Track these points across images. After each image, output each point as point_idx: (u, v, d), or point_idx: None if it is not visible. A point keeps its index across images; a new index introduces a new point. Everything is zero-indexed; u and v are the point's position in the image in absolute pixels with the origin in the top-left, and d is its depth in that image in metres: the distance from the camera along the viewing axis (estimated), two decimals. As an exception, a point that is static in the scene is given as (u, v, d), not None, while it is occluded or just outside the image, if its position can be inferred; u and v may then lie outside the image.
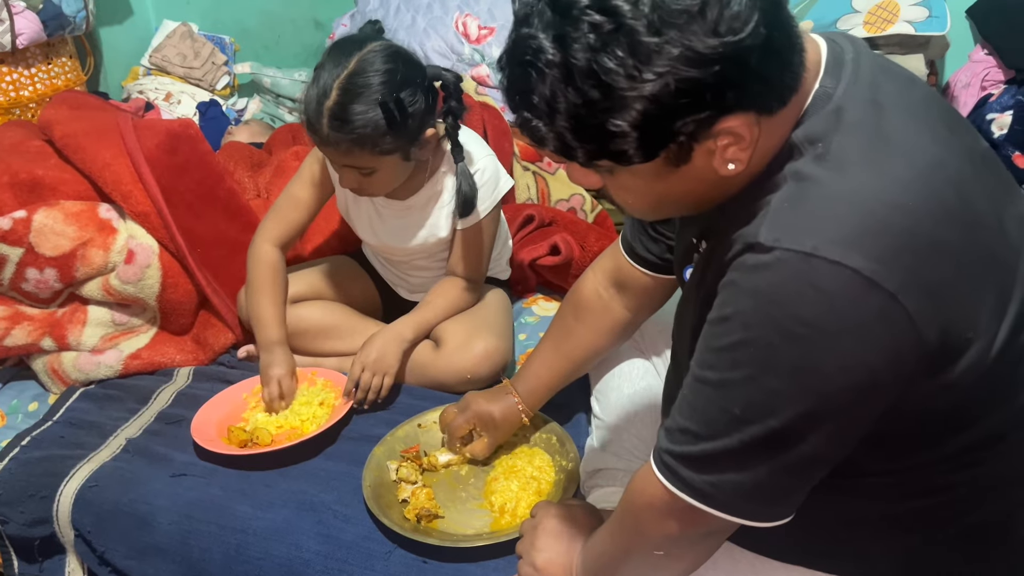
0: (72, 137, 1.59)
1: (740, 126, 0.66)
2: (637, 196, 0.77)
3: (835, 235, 0.64)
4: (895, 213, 0.64)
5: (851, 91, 0.71)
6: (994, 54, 1.98)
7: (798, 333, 0.64)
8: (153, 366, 1.61)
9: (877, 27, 1.79)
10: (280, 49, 2.92)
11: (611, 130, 0.65)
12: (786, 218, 0.66)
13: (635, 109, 0.64)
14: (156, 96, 2.66)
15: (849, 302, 0.63)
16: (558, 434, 1.30)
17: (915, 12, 1.78)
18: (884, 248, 0.63)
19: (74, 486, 1.32)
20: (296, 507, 1.24)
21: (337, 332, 1.58)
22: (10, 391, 1.64)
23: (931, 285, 0.64)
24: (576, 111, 0.65)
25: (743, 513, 0.73)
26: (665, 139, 0.66)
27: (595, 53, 0.62)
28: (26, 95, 2.34)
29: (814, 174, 0.68)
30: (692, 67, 0.62)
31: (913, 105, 0.72)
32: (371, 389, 1.41)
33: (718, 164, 0.69)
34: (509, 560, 1.10)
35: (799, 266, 0.64)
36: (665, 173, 0.71)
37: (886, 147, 0.68)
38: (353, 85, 1.27)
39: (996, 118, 1.87)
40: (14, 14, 2.21)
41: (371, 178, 1.36)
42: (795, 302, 0.64)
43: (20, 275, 1.51)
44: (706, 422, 0.72)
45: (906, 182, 0.66)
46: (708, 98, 0.64)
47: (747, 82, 0.65)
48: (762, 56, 0.64)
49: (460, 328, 1.50)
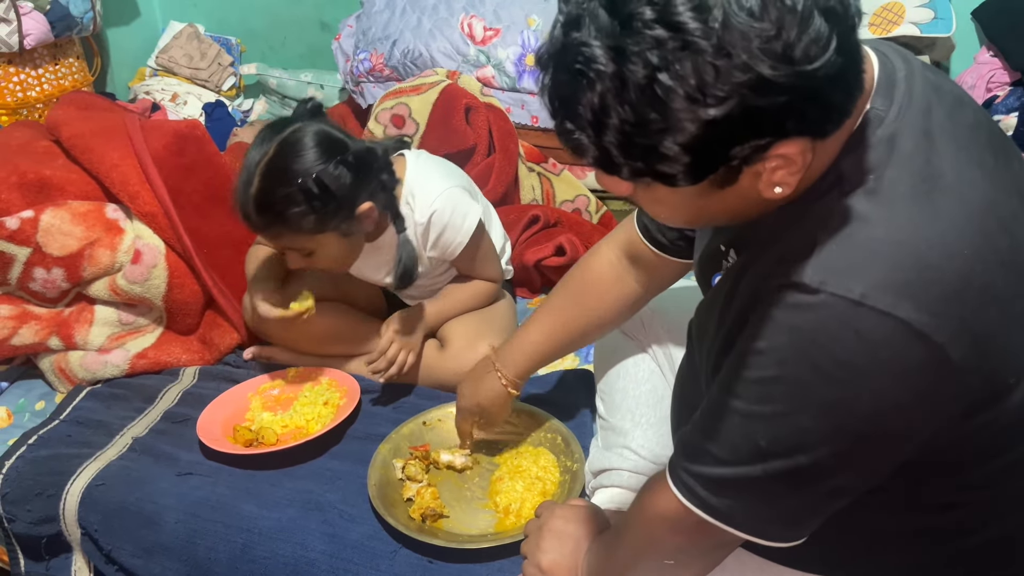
0: (79, 137, 1.59)
1: (794, 152, 0.62)
2: (671, 210, 0.73)
3: (885, 282, 0.61)
4: (949, 261, 0.62)
5: (905, 118, 0.67)
6: (1000, 56, 1.98)
7: (836, 376, 0.63)
8: (159, 366, 1.62)
9: (882, 28, 1.79)
10: (286, 50, 2.92)
11: (662, 152, 0.61)
12: (833, 259, 0.63)
13: (690, 132, 0.59)
14: (162, 97, 2.67)
15: (894, 352, 0.61)
16: (563, 434, 1.30)
17: (920, 14, 1.78)
18: (936, 299, 0.61)
19: (81, 485, 1.32)
20: (302, 506, 1.25)
21: (342, 335, 1.59)
22: (17, 390, 1.65)
23: (979, 335, 0.62)
24: (626, 128, 0.60)
25: (758, 532, 0.73)
26: (716, 164, 0.62)
27: (655, 70, 0.57)
28: (33, 96, 2.35)
29: (864, 212, 0.64)
30: (759, 95, 0.57)
31: (963, 133, 0.69)
32: (397, 363, 1.43)
33: (764, 187, 0.65)
34: (514, 561, 1.10)
35: (845, 311, 0.61)
36: (707, 193, 0.67)
37: (938, 185, 0.65)
38: (273, 168, 1.26)
39: (1002, 120, 1.87)
40: (22, 15, 2.22)
41: (315, 257, 1.36)
42: (836, 346, 0.62)
43: (27, 275, 1.51)
44: (730, 448, 0.71)
45: (960, 227, 0.63)
46: (769, 126, 0.60)
47: (811, 109, 0.60)
48: (831, 84, 0.59)
49: (465, 329, 1.50)
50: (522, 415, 1.36)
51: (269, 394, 1.51)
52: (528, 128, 2.23)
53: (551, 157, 2.10)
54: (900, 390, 0.63)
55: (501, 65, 2.28)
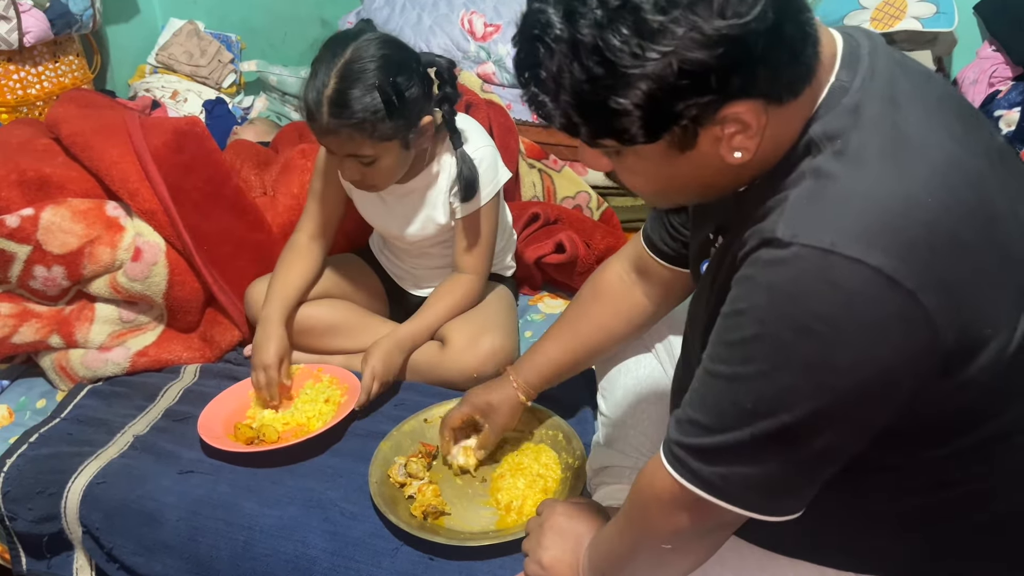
0: (79, 135, 1.59)
1: (746, 113, 0.66)
2: (645, 179, 0.76)
3: (854, 232, 0.63)
4: (914, 210, 0.64)
5: (868, 86, 0.70)
6: (1002, 50, 1.97)
7: (814, 329, 0.64)
8: (160, 363, 1.62)
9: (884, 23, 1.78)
10: (286, 47, 2.92)
11: (614, 108, 0.65)
12: (804, 214, 0.66)
13: (638, 88, 0.63)
14: (163, 94, 2.66)
15: (868, 300, 0.62)
16: (564, 431, 1.30)
17: (922, 8, 1.78)
18: (903, 245, 0.63)
19: (82, 483, 1.32)
20: (303, 504, 1.25)
21: (343, 330, 1.59)
22: (18, 388, 1.65)
23: (950, 283, 0.63)
24: (581, 87, 0.65)
25: (752, 506, 0.73)
26: (668, 120, 0.66)
27: (601, 29, 0.62)
28: (33, 93, 2.35)
29: (833, 170, 0.67)
30: (697, 48, 0.62)
31: (929, 102, 0.71)
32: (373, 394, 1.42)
33: (724, 152, 0.69)
34: (516, 558, 1.10)
35: (817, 262, 0.63)
36: (671, 157, 0.70)
37: (904, 144, 0.67)
38: (350, 72, 1.29)
39: (1004, 115, 1.86)
40: (21, 12, 2.22)
41: (372, 168, 1.37)
42: (812, 298, 0.63)
43: (28, 273, 1.51)
44: (717, 415, 0.71)
45: (924, 179, 0.65)
46: (713, 81, 0.63)
47: (754, 68, 0.64)
48: (769, 42, 0.63)
49: (466, 327, 1.50)
50: (524, 412, 1.36)
51: (270, 392, 1.51)
52: (529, 124, 2.22)
53: (552, 153, 2.09)
54: (877, 340, 0.63)
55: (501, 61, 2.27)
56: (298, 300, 1.55)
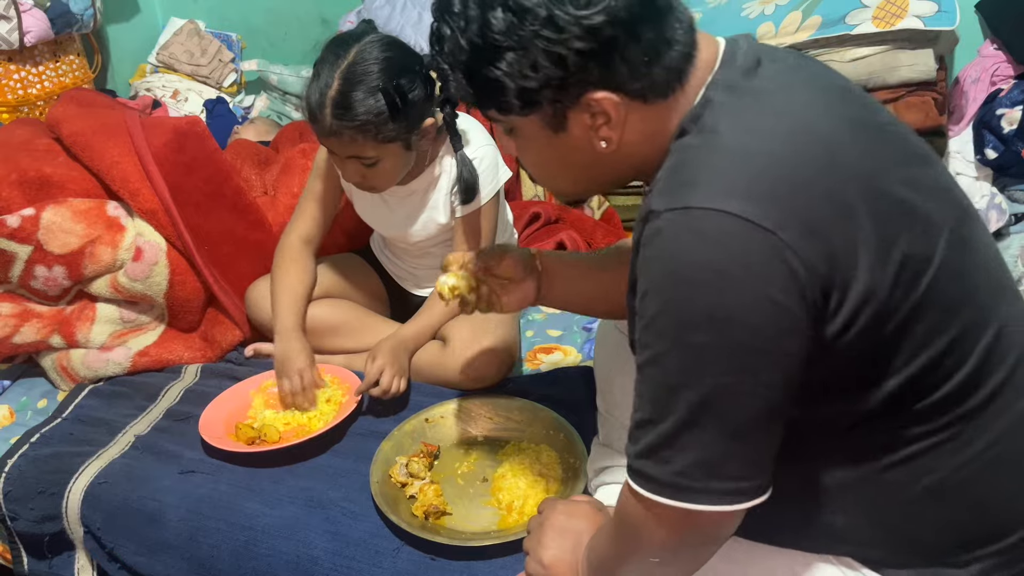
0: (80, 135, 1.59)
1: (605, 101, 0.75)
2: (534, 160, 0.86)
3: (709, 187, 0.70)
4: (761, 159, 0.71)
5: (730, 77, 0.78)
6: (1004, 49, 1.97)
7: (699, 279, 0.69)
8: (161, 363, 1.62)
9: (886, 22, 1.78)
10: (287, 46, 2.92)
11: (490, 77, 0.76)
12: (668, 184, 0.73)
13: (506, 59, 0.74)
14: (163, 94, 2.66)
15: (736, 241, 0.68)
16: (565, 431, 1.30)
17: (924, 7, 1.77)
18: (755, 192, 0.69)
19: (83, 483, 1.32)
20: (304, 504, 1.25)
21: (345, 329, 1.59)
22: (19, 388, 1.65)
23: (805, 221, 0.69)
24: (466, 58, 0.77)
25: (719, 498, 0.73)
26: (536, 94, 0.76)
27: (484, 8, 0.74)
28: (34, 93, 2.35)
29: (690, 143, 0.75)
30: (553, 31, 0.72)
31: (791, 83, 0.79)
32: (391, 392, 1.41)
33: (593, 140, 0.79)
34: (517, 558, 1.10)
35: (684, 221, 0.69)
36: (550, 139, 0.80)
37: (754, 111, 0.75)
38: (353, 74, 1.29)
39: (1006, 113, 1.85)
40: (22, 12, 2.22)
41: (374, 170, 1.37)
42: (687, 252, 0.69)
43: (29, 273, 1.51)
44: (654, 403, 0.74)
45: (771, 136, 0.72)
46: (570, 65, 0.73)
47: (610, 62, 0.74)
48: (625, 41, 0.73)
49: (467, 326, 1.50)
50: (524, 412, 1.36)
51: (271, 391, 1.50)
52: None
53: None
54: (757, 274, 0.68)
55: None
56: (307, 306, 1.55)
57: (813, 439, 0.79)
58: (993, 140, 1.86)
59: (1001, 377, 0.78)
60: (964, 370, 0.76)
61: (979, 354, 0.76)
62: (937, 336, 0.74)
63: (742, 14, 1.85)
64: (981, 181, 1.89)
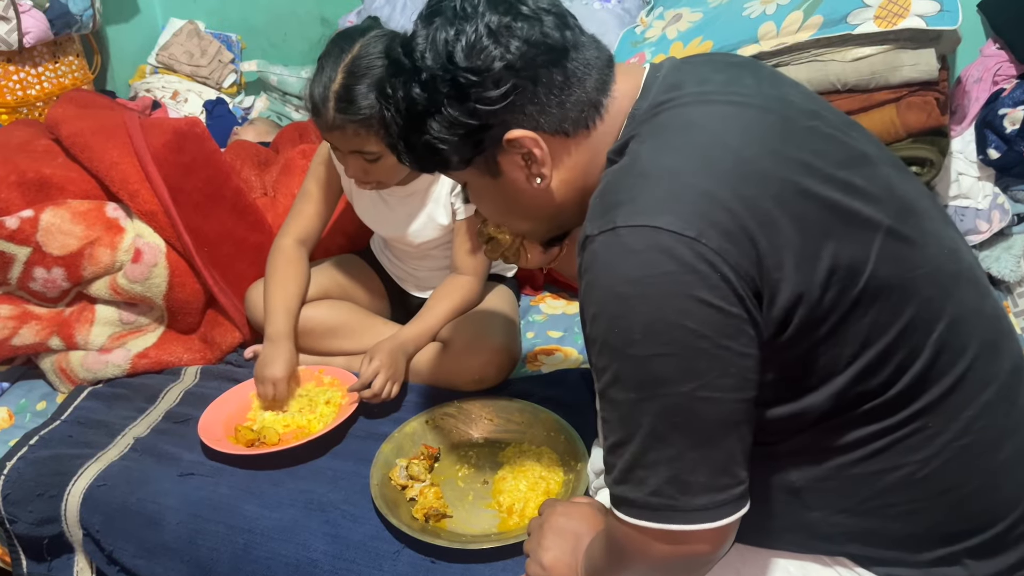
0: (79, 136, 1.59)
1: (524, 140, 0.81)
2: (488, 207, 0.94)
3: (633, 205, 0.72)
4: (678, 175, 0.74)
5: (652, 102, 0.82)
6: (1006, 48, 1.96)
7: (632, 293, 0.71)
8: (161, 365, 1.61)
9: (888, 21, 1.77)
10: (287, 47, 2.91)
11: (424, 143, 0.84)
12: (596, 210, 0.76)
13: (431, 125, 0.82)
14: (163, 94, 2.66)
15: (661, 252, 0.70)
16: (567, 433, 1.30)
17: (926, 6, 1.76)
18: (675, 205, 0.71)
19: (82, 485, 1.32)
20: (304, 506, 1.24)
21: (345, 331, 1.58)
22: (18, 390, 1.64)
23: (726, 229, 0.71)
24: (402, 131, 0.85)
25: (698, 515, 0.73)
26: (466, 149, 0.83)
27: (406, 88, 0.82)
28: (33, 94, 2.34)
29: (613, 170, 0.79)
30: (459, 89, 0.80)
31: (710, 100, 0.80)
32: (383, 395, 1.40)
33: (530, 179, 0.85)
34: (517, 561, 1.10)
35: (613, 240, 0.72)
36: (493, 184, 0.87)
37: (670, 132, 0.78)
38: (357, 68, 1.29)
39: (1008, 113, 1.85)
40: (21, 13, 2.21)
41: (377, 165, 1.37)
42: (619, 269, 0.71)
43: (28, 274, 1.51)
44: (620, 424, 0.75)
45: (686, 151, 0.75)
46: (482, 114, 0.80)
47: (518, 104, 0.80)
48: (525, 84, 0.79)
49: (467, 328, 1.49)
50: (525, 414, 1.35)
51: (271, 393, 1.50)
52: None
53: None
54: (688, 282, 0.70)
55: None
56: (299, 310, 1.54)
57: (773, 439, 0.80)
58: (995, 140, 1.85)
59: (962, 368, 0.78)
60: (919, 363, 0.77)
61: (932, 347, 0.77)
62: (881, 332, 0.75)
63: (743, 14, 1.84)
64: (983, 181, 1.88)
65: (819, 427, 0.79)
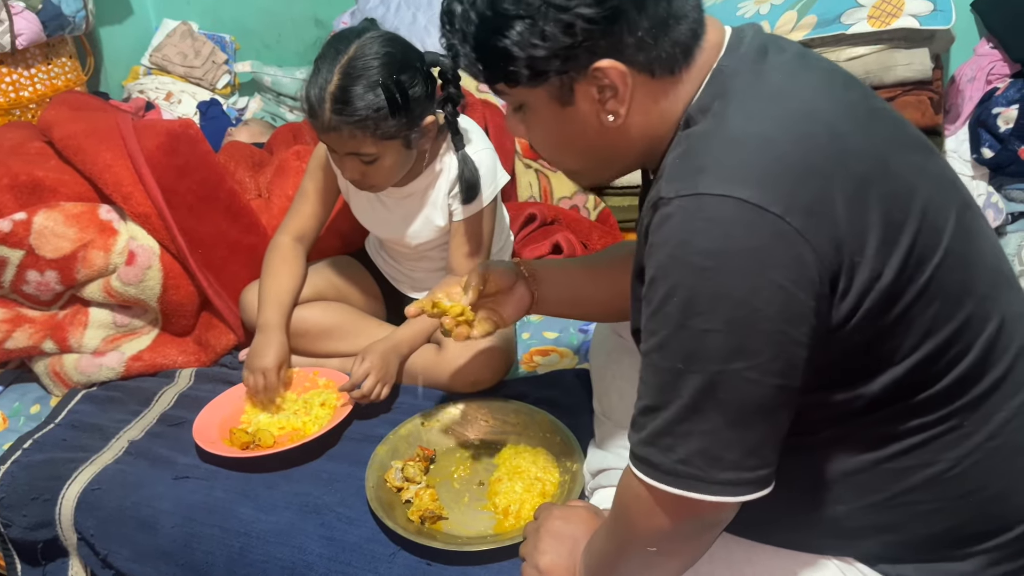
0: (72, 138, 1.58)
1: (611, 71, 0.75)
2: (542, 136, 0.86)
3: (717, 173, 0.70)
4: (769, 146, 0.71)
5: (740, 65, 0.78)
6: (1000, 48, 1.96)
7: (706, 266, 0.69)
8: (155, 368, 1.61)
9: (881, 21, 1.77)
10: (281, 47, 2.91)
11: (499, 47, 0.76)
12: (678, 171, 0.73)
13: (516, 28, 0.74)
14: (157, 96, 2.65)
15: (743, 227, 0.68)
16: (562, 435, 1.29)
17: (920, 6, 1.77)
18: (762, 177, 0.69)
19: (76, 489, 1.31)
20: (299, 509, 1.24)
21: (340, 332, 1.58)
22: (12, 394, 1.64)
23: (810, 205, 0.69)
24: (475, 29, 0.77)
25: (721, 488, 0.73)
26: (545, 64, 0.76)
27: None
28: (26, 96, 2.34)
29: (699, 131, 0.76)
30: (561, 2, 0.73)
31: (796, 71, 0.79)
32: (372, 396, 1.40)
33: (601, 114, 0.79)
34: (513, 563, 1.10)
35: (693, 206, 0.70)
36: (557, 112, 0.81)
37: (762, 99, 0.76)
38: (353, 69, 1.28)
39: (1002, 112, 1.85)
40: (13, 14, 2.21)
41: (373, 167, 1.36)
42: (696, 238, 0.69)
43: (21, 277, 1.50)
44: (658, 390, 0.74)
45: (777, 122, 0.73)
46: (578, 33, 0.74)
47: (617, 32, 0.74)
48: (630, 10, 0.74)
49: (463, 328, 1.49)
50: (521, 415, 1.35)
51: (266, 396, 1.50)
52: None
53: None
54: (763, 261, 0.68)
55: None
56: (292, 305, 1.54)
57: (814, 427, 0.79)
58: (989, 139, 1.86)
59: (1002, 370, 0.78)
60: (967, 360, 0.76)
61: (982, 345, 0.76)
62: (942, 325, 0.75)
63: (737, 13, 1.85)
64: (978, 180, 1.89)
65: (862, 418, 0.78)
